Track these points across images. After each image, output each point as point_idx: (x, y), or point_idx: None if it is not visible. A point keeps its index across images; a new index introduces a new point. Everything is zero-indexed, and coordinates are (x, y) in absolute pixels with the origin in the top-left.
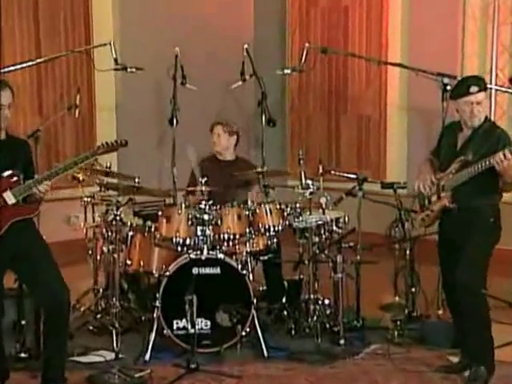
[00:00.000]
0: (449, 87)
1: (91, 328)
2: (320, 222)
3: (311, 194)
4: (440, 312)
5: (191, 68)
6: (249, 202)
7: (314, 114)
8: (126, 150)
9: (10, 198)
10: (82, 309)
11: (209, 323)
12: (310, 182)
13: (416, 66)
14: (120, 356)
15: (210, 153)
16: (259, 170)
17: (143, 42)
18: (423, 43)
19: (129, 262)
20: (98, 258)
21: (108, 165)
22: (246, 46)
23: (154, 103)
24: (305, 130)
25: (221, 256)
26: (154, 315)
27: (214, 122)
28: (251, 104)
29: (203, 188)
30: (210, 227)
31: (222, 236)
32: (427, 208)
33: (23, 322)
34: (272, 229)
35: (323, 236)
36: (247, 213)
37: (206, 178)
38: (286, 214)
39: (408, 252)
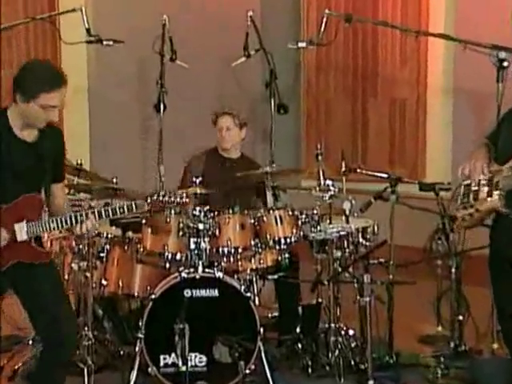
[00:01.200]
0: (506, 63)
1: None
2: (343, 233)
3: (332, 197)
4: (495, 346)
5: (182, 41)
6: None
7: (336, 98)
8: (101, 143)
9: (21, 231)
10: None
11: (204, 359)
12: (330, 182)
13: (464, 38)
14: None
15: (198, 151)
16: (267, 168)
17: (122, 7)
18: (473, 9)
19: (104, 283)
20: (66, 277)
21: (78, 161)
22: (250, 13)
23: (136, 84)
24: (324, 118)
25: (219, 275)
26: (136, 349)
27: (218, 111)
28: (257, 86)
29: (198, 190)
30: (206, 239)
31: (220, 250)
32: (471, 205)
33: None
34: (283, 241)
35: (347, 250)
36: (252, 221)
37: (200, 178)
38: (300, 222)
39: (454, 270)
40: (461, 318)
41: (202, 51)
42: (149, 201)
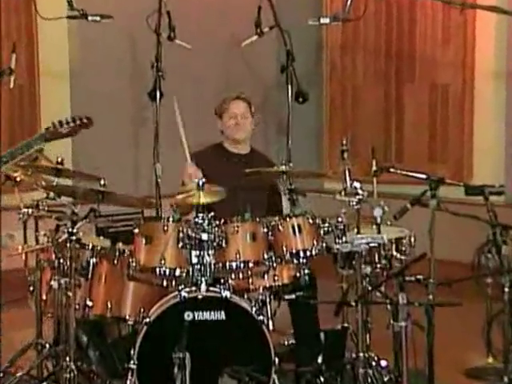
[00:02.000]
0: None
1: None
2: (373, 245)
3: (360, 202)
4: None
5: (182, 16)
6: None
7: (365, 84)
8: (86, 137)
9: None
10: (19, 374)
11: None
12: (357, 184)
13: None
14: None
15: (201, 147)
16: (283, 167)
17: None
18: None
19: (90, 304)
20: (44, 297)
21: (58, 159)
22: None
23: (128, 67)
24: (350, 108)
25: (226, 294)
26: (127, 382)
27: (229, 96)
28: (271, 70)
29: (202, 194)
30: (211, 252)
31: (228, 264)
32: None
33: None
34: (302, 254)
35: (378, 265)
36: (265, 230)
37: (204, 178)
38: (322, 232)
39: (507, 290)
40: None
41: (206, 28)
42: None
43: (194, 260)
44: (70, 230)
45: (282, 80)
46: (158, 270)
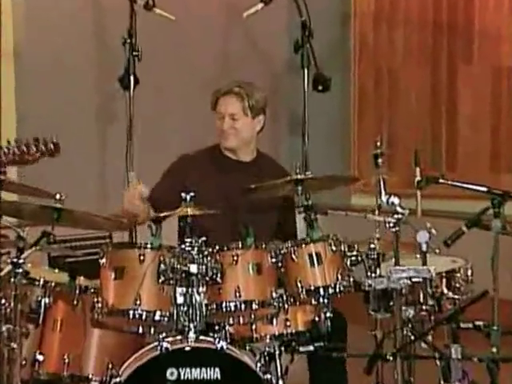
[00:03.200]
0: None
1: None
2: (417, 280)
3: (399, 223)
4: None
5: None
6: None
7: (405, 67)
8: (36, 135)
9: None
10: None
11: None
12: (396, 200)
13: None
14: None
15: (189, 150)
16: (297, 176)
17: None
18: None
19: (41, 358)
20: None
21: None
22: None
23: (91, 45)
24: (386, 98)
25: (222, 345)
26: None
27: (219, 89)
28: (281, 48)
29: (189, 210)
30: (202, 289)
31: (224, 306)
32: None
33: None
34: (322, 292)
35: (423, 307)
36: (274, 260)
37: (191, 192)
38: (349, 262)
39: None
40: None
41: None
42: None
43: (180, 300)
44: (15, 260)
45: (296, 62)
46: (131, 312)
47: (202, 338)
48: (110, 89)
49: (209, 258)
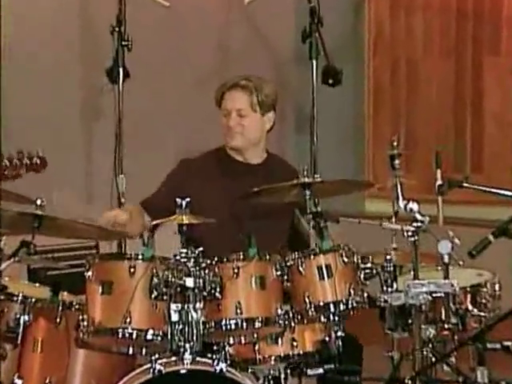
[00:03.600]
0: None
1: None
2: (438, 295)
3: (418, 232)
4: None
5: None
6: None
7: (426, 58)
8: (15, 134)
9: None
10: None
11: None
12: (415, 206)
13: None
14: None
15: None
16: (305, 179)
17: None
18: None
19: (19, 382)
20: None
21: None
22: None
23: (76, 33)
24: (405, 92)
25: (222, 367)
26: None
27: (225, 82)
28: (288, 37)
29: (185, 219)
30: (200, 305)
31: (224, 323)
32: None
33: None
34: (333, 308)
35: (446, 325)
36: (279, 273)
37: (188, 198)
38: (362, 275)
39: None
40: None
41: None
42: None
43: (175, 317)
44: None
45: (305, 52)
46: (120, 331)
47: (199, 359)
48: (96, 83)
49: (207, 271)
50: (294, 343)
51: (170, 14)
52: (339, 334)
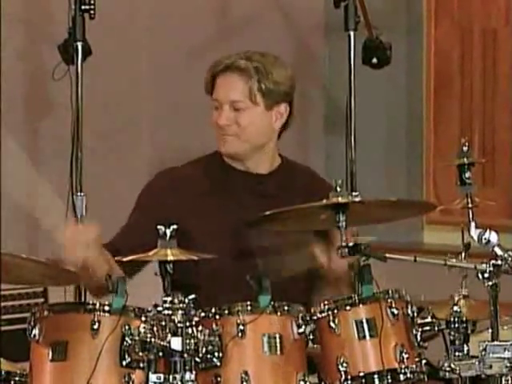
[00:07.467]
0: None
1: None
2: None
3: (498, 273)
4: None
5: None
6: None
7: (509, 29)
8: None
9: None
10: None
11: None
12: (493, 236)
13: None
14: None
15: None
16: (339, 199)
17: None
18: None
19: None
20: None
21: None
22: None
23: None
24: (480, 78)
25: None
26: None
27: (218, 61)
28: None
29: (168, 253)
30: (191, 375)
31: None
32: None
33: None
34: (378, 381)
35: None
36: (301, 330)
37: (175, 225)
38: (419, 334)
39: None
40: None
41: None
42: None
43: None
44: None
45: (338, 20)
46: None
47: None
48: (45, 63)
49: (200, 328)
50: None
51: None
52: None
